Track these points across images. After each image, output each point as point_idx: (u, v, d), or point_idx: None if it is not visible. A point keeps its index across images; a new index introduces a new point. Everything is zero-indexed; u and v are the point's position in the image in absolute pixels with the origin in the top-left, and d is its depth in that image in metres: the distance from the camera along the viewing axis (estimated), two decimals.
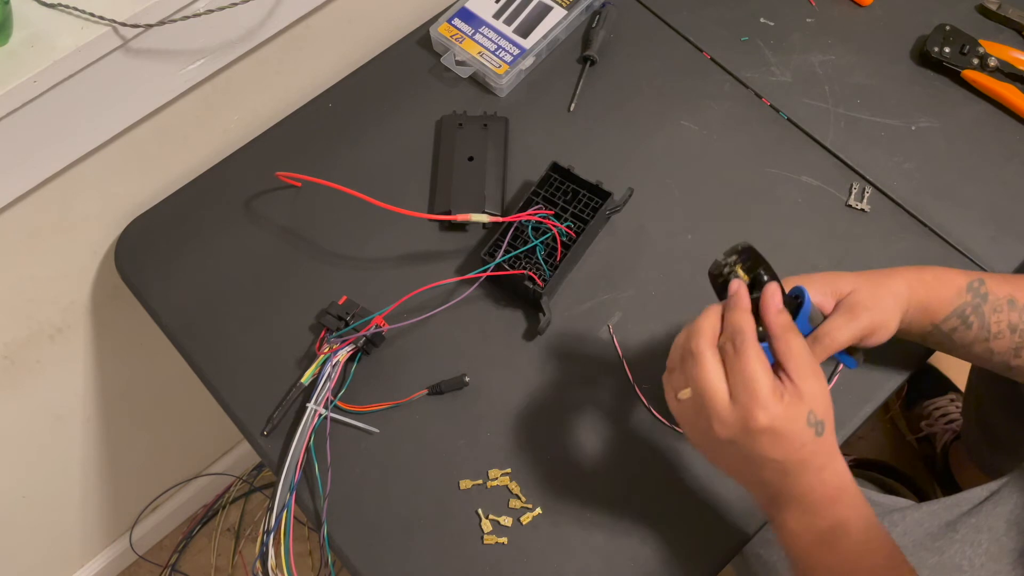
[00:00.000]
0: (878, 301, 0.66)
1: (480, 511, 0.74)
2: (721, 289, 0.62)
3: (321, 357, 0.78)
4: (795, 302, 0.64)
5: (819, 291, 0.66)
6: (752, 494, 0.63)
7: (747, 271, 0.62)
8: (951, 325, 0.69)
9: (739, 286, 0.61)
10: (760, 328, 0.61)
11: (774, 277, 0.62)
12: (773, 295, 0.60)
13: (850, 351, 0.68)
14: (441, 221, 0.86)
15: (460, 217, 0.83)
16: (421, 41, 0.97)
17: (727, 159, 0.90)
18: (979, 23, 0.97)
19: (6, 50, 0.70)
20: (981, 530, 0.78)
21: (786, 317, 0.60)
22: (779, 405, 0.56)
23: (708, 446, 0.60)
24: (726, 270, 0.62)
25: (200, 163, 0.92)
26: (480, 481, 0.76)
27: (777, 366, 0.59)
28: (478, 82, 0.95)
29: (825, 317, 0.67)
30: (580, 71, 0.95)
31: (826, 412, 0.58)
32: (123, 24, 0.72)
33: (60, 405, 1.04)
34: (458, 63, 0.94)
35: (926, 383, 1.42)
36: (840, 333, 0.65)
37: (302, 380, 0.78)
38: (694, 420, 0.59)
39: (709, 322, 0.59)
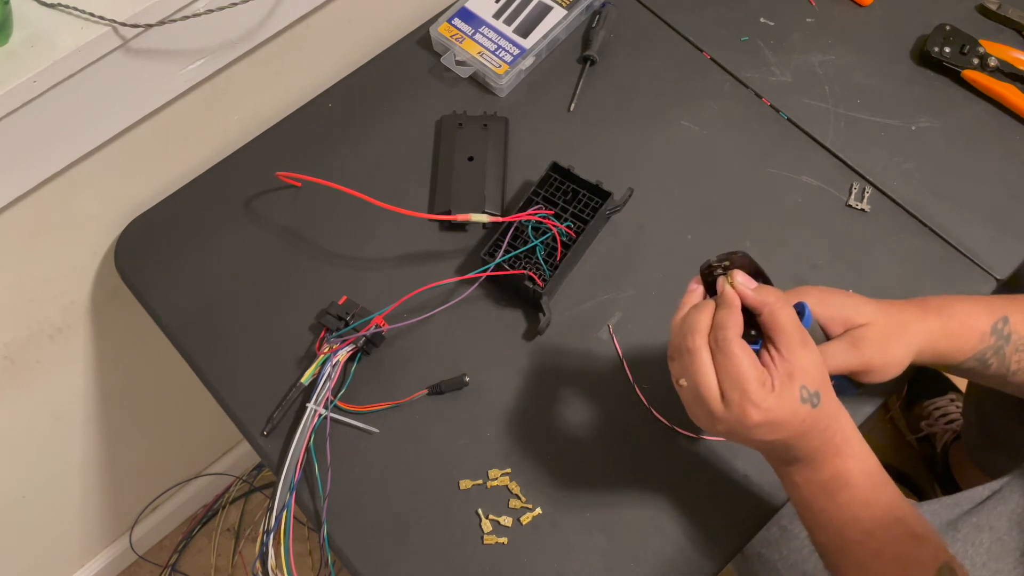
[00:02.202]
0: (886, 346, 0.66)
1: (480, 511, 0.74)
2: (710, 288, 0.62)
3: (321, 357, 0.78)
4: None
5: (831, 313, 0.66)
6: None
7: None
8: (969, 366, 0.69)
9: (723, 283, 0.61)
10: (753, 332, 0.61)
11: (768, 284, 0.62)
12: (745, 280, 0.60)
13: (851, 379, 0.67)
14: (441, 221, 0.86)
15: (460, 217, 0.82)
16: (421, 41, 0.97)
17: (727, 159, 0.90)
18: (979, 23, 0.97)
19: (6, 50, 0.70)
20: (983, 529, 0.78)
21: (769, 290, 0.59)
22: (770, 397, 0.56)
23: (710, 431, 0.61)
24: (717, 272, 0.61)
25: (200, 163, 0.92)
26: (480, 481, 0.76)
27: (766, 340, 0.59)
28: (478, 82, 0.95)
29: (828, 338, 0.66)
30: (580, 71, 0.95)
31: (820, 381, 0.58)
32: (123, 24, 0.72)
33: (60, 405, 1.04)
34: (458, 63, 0.94)
35: (926, 383, 1.41)
36: (834, 360, 0.65)
37: (302, 380, 0.78)
38: (694, 409, 0.60)
39: (704, 317, 0.59)
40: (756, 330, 0.60)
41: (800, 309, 0.64)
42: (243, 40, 0.84)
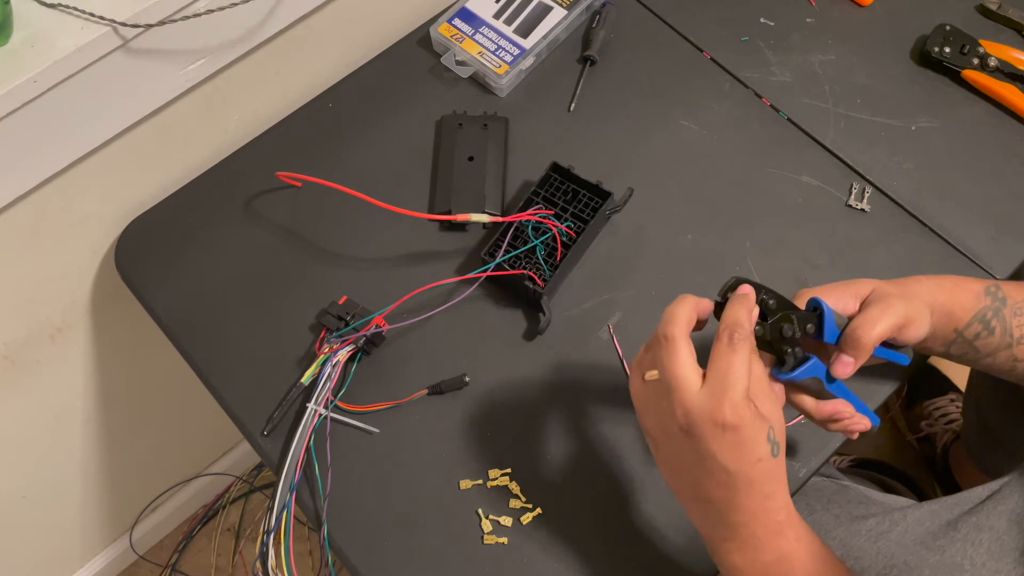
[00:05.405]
0: (908, 293, 0.64)
1: (480, 511, 0.74)
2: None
3: (321, 357, 0.78)
4: (815, 314, 0.62)
5: (838, 297, 0.64)
6: (692, 516, 0.60)
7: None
8: (974, 331, 0.68)
9: (749, 289, 0.60)
10: (798, 350, 0.60)
11: (780, 298, 0.61)
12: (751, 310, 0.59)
13: (895, 346, 0.65)
14: (441, 221, 0.86)
15: (460, 217, 0.83)
16: (421, 41, 0.97)
17: (727, 159, 0.90)
18: (979, 23, 0.97)
19: (6, 50, 0.70)
20: (982, 529, 0.78)
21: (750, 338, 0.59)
22: (748, 410, 0.54)
23: (662, 436, 0.58)
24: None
25: (200, 163, 0.92)
26: (480, 481, 0.76)
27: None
28: (478, 82, 0.95)
29: (851, 319, 0.65)
30: (580, 71, 0.95)
31: (782, 436, 0.57)
32: (123, 24, 0.72)
33: (60, 405, 1.04)
34: (458, 63, 0.94)
35: (926, 383, 1.42)
36: (878, 324, 0.61)
37: (302, 380, 0.78)
38: (656, 403, 0.57)
39: (685, 310, 0.58)
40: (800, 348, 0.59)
41: (816, 304, 0.62)
42: (243, 40, 0.84)
